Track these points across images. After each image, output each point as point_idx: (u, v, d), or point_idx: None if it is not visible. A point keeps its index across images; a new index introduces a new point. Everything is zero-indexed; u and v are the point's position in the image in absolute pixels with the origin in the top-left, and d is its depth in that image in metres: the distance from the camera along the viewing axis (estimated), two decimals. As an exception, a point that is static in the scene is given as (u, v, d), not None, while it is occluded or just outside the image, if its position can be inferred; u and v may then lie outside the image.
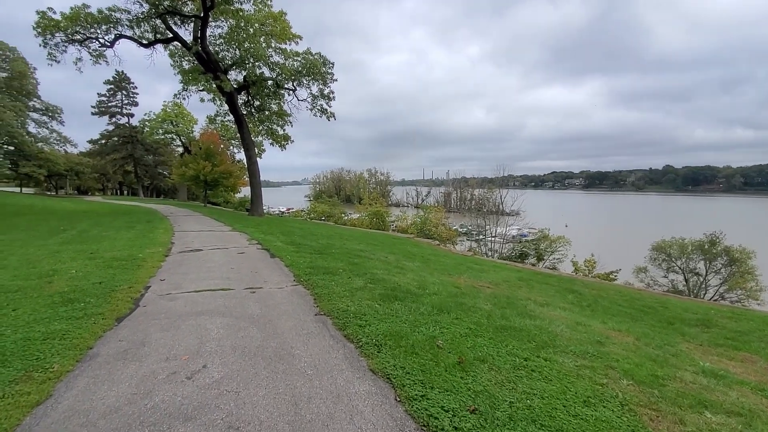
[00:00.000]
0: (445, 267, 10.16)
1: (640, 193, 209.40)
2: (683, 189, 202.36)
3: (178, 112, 44.16)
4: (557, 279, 10.69)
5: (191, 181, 32.50)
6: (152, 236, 10.82)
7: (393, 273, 6.97)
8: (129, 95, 53.57)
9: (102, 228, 13.67)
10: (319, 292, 5.06)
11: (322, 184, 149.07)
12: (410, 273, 7.37)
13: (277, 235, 11.98)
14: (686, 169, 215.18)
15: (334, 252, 9.00)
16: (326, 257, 7.94)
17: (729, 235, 22.78)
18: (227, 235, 11.60)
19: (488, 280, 8.79)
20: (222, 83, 19.38)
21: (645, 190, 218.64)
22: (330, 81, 23.67)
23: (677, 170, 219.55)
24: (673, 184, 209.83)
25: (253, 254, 8.15)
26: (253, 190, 23.61)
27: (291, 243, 10.17)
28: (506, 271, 11.29)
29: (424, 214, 26.58)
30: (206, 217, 19.53)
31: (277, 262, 7.31)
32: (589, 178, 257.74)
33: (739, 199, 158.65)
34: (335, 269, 6.56)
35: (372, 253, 10.52)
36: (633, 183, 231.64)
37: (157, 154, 56.88)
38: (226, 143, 40.50)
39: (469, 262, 12.77)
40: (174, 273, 6.19)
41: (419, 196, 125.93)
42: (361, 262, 7.80)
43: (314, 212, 34.46)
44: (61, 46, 19.88)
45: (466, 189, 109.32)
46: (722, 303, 16.10)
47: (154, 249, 8.43)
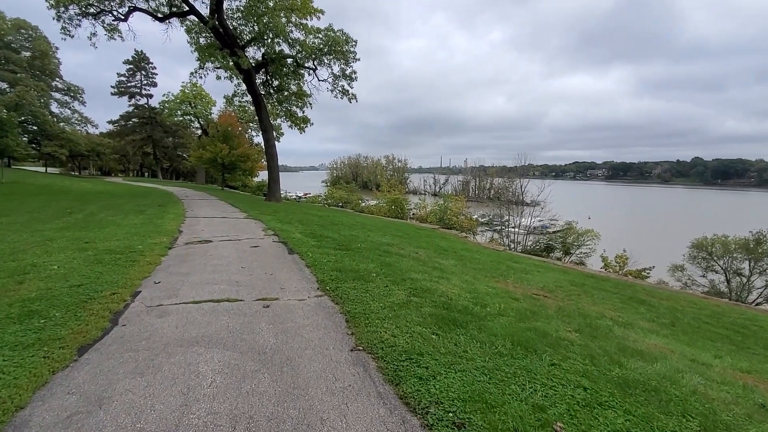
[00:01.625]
0: (484, 266, 8.93)
1: (666, 186, 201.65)
2: (712, 182, 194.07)
3: (197, 93, 43.43)
4: (613, 283, 9.31)
5: (208, 163, 31.83)
6: (160, 223, 9.84)
7: (434, 278, 5.76)
8: (148, 75, 53.10)
9: (111, 211, 12.85)
10: (352, 309, 3.88)
11: (339, 169, 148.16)
12: (454, 277, 6.15)
13: (295, 225, 10.89)
14: (716, 162, 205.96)
15: (360, 247, 7.84)
16: (353, 254, 6.78)
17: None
18: (241, 224, 10.55)
19: (539, 285, 7.53)
20: (240, 60, 18.20)
21: (671, 182, 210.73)
22: (352, 60, 22.27)
23: (706, 163, 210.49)
24: (702, 177, 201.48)
25: (269, 248, 7.04)
26: (271, 174, 22.61)
27: (311, 234, 9.05)
28: (552, 272, 9.97)
29: (444, 203, 25.37)
30: (221, 201, 18.62)
31: (296, 259, 6.17)
32: (612, 168, 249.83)
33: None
34: (366, 272, 5.40)
35: (400, 247, 9.35)
36: (659, 175, 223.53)
37: (176, 137, 56.59)
38: (244, 126, 39.67)
39: (505, 258, 11.49)
40: (173, 273, 5.12)
41: (437, 184, 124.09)
42: (394, 261, 6.61)
43: (331, 198, 33.67)
44: (75, 20, 19.02)
45: (485, 178, 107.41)
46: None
47: (158, 239, 7.42)
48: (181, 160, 57.63)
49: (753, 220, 27.40)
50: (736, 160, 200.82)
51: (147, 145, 54.13)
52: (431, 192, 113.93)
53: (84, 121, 50.11)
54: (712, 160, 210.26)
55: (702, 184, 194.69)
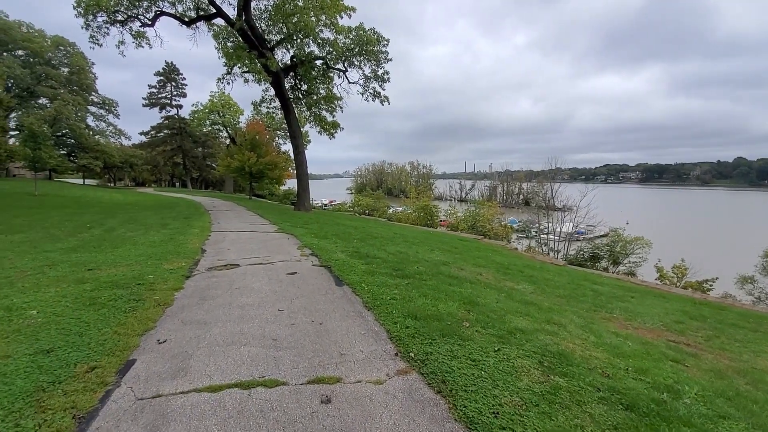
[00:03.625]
0: (567, 292, 7.28)
1: (706, 188, 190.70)
2: (758, 183, 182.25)
3: (225, 102, 43.22)
4: (737, 314, 7.34)
5: (236, 172, 31.17)
6: (182, 240, 8.60)
7: (542, 323, 4.14)
8: (178, 86, 53.66)
9: (132, 226, 11.82)
10: (472, 412, 2.31)
11: (363, 177, 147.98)
12: (565, 320, 4.49)
13: (332, 240, 9.46)
14: (762, 162, 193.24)
15: (418, 271, 6.30)
16: (416, 284, 5.23)
17: None
18: (272, 239, 9.20)
19: (656, 322, 5.78)
20: (268, 61, 17.13)
21: (712, 184, 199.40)
22: (384, 61, 20.94)
23: (750, 163, 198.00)
24: (746, 178, 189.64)
25: (310, 276, 5.58)
26: (300, 182, 21.43)
27: (355, 253, 7.57)
28: (647, 296, 8.11)
29: (476, 209, 23.95)
30: (249, 212, 17.51)
31: (348, 295, 4.65)
32: (646, 171, 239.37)
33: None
34: (451, 318, 3.83)
35: (459, 267, 7.80)
36: (698, 177, 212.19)
37: (205, 146, 56.91)
38: (272, 134, 39.05)
39: (578, 278, 9.67)
40: (186, 322, 3.70)
41: (462, 190, 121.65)
42: (474, 295, 5.01)
43: (358, 205, 32.76)
44: (103, 28, 18.54)
45: (513, 182, 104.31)
46: None
47: (176, 263, 6.11)
48: (209, 169, 57.89)
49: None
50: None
51: (177, 156, 54.59)
52: (457, 198, 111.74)
53: (118, 134, 50.97)
54: (757, 159, 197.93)
55: (747, 186, 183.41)
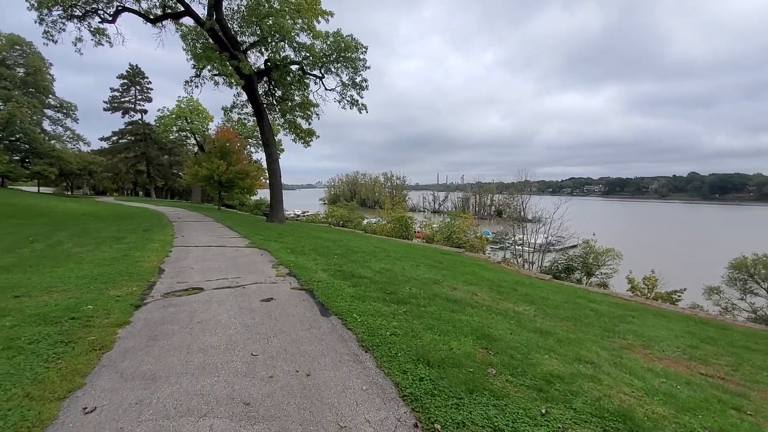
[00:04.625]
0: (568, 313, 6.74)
1: (663, 201, 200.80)
2: (710, 197, 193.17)
3: (193, 108, 41.48)
4: (741, 333, 6.98)
5: (205, 181, 29.61)
6: (138, 257, 7.49)
7: (572, 362, 3.46)
8: (143, 90, 51.17)
9: (83, 239, 10.51)
10: None
11: (337, 187, 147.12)
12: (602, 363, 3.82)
13: (311, 256, 8.58)
14: (713, 177, 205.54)
15: (413, 294, 5.54)
16: (415, 311, 4.45)
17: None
18: (243, 256, 8.21)
19: (672, 348, 5.24)
20: (240, 64, 16.12)
21: (669, 197, 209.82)
22: (362, 68, 20.35)
23: (703, 177, 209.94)
24: (699, 192, 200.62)
25: (289, 304, 4.69)
26: (273, 192, 20.33)
27: (338, 272, 6.73)
28: (646, 315, 7.67)
29: (451, 220, 23.90)
30: (218, 224, 16.28)
31: (338, 330, 3.80)
32: (609, 184, 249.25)
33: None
34: (471, 362, 3.06)
35: (452, 286, 7.16)
36: (656, 190, 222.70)
37: (172, 154, 54.39)
38: (243, 142, 37.65)
39: (571, 295, 9.21)
40: (127, 377, 2.74)
41: (436, 201, 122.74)
42: (482, 325, 4.30)
43: (332, 216, 31.96)
44: (59, 24, 17.05)
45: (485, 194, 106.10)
46: None
47: (126, 287, 5.09)
48: (176, 178, 55.38)
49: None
50: (733, 175, 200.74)
51: (140, 163, 51.82)
52: (431, 209, 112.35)
53: (76, 139, 47.83)
54: (709, 174, 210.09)
55: (700, 199, 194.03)
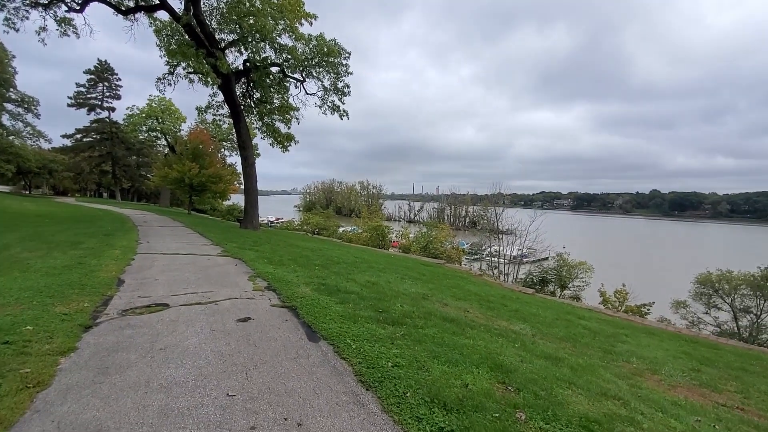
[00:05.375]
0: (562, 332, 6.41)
1: (627, 217, 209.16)
2: (670, 214, 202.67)
3: (165, 108, 39.87)
4: (752, 358, 6.82)
5: (174, 184, 28.28)
6: (93, 265, 6.66)
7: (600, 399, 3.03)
8: (111, 87, 48.77)
9: (34, 243, 9.50)
10: None
11: (312, 194, 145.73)
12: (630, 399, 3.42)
13: (290, 267, 7.94)
14: (673, 195, 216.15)
15: (406, 312, 5.04)
16: (414, 333, 3.93)
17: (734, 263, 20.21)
18: (216, 266, 7.48)
19: (680, 373, 4.95)
20: (218, 62, 15.35)
21: (632, 213, 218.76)
22: (344, 74, 19.90)
23: (664, 195, 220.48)
24: (660, 209, 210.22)
25: (270, 326, 4.07)
26: (248, 197, 19.43)
27: (322, 286, 6.14)
28: (643, 335, 7.44)
29: (428, 231, 23.92)
30: (188, 229, 15.30)
31: (330, 359, 3.19)
32: (577, 199, 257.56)
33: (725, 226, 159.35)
34: (494, 403, 2.54)
35: (443, 302, 6.78)
36: (620, 206, 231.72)
37: (140, 155, 52.00)
38: (217, 144, 36.39)
39: (559, 311, 8.95)
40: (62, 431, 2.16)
41: (411, 211, 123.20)
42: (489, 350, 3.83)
43: (307, 224, 31.34)
44: (22, 11, 15.84)
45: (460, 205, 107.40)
46: None
47: (76, 303, 4.35)
48: (143, 180, 52.97)
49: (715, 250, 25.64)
50: (690, 193, 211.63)
51: (106, 163, 49.21)
52: (406, 219, 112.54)
53: (36, 135, 45.02)
54: (669, 192, 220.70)
55: (661, 215, 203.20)
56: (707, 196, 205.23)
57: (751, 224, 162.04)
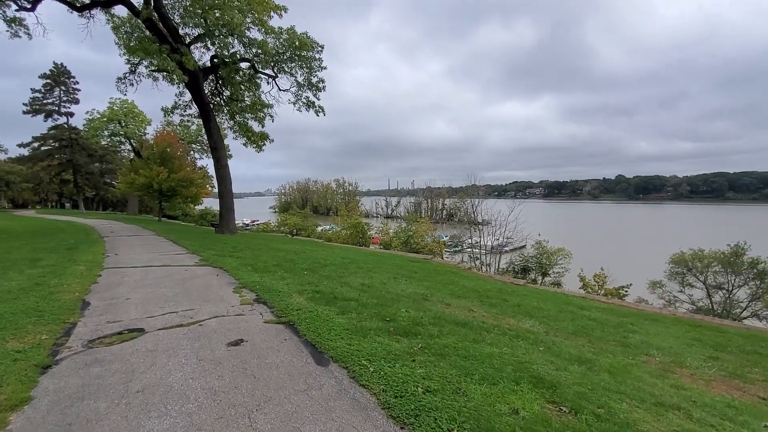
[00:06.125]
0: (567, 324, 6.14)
1: (596, 202, 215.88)
2: (635, 197, 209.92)
3: (128, 111, 37.80)
4: (762, 340, 6.68)
5: (142, 190, 26.77)
6: (54, 285, 5.87)
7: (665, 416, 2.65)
8: (69, 91, 45.98)
9: (-15, 262, 8.50)
10: None
11: (288, 195, 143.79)
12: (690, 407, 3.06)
13: (277, 273, 7.34)
14: (637, 179, 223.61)
15: (414, 319, 4.58)
16: (433, 345, 3.46)
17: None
18: (195, 278, 6.79)
19: (703, 364, 4.70)
20: (184, 58, 14.37)
21: (600, 198, 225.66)
22: (318, 68, 19.18)
23: (629, 180, 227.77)
24: (626, 193, 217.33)
25: (269, 350, 3.49)
26: (223, 200, 18.50)
27: (317, 294, 5.59)
28: (648, 322, 7.25)
29: (407, 226, 23.74)
30: (160, 237, 14.35)
31: (347, 388, 2.63)
32: (548, 187, 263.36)
33: (686, 206, 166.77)
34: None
35: (445, 302, 6.40)
36: (589, 192, 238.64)
37: (103, 161, 49.40)
38: (186, 147, 34.83)
39: (561, 303, 8.71)
40: None
41: (389, 206, 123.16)
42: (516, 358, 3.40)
43: (285, 225, 30.55)
44: (-36, 10, 14.46)
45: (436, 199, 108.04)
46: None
47: (32, 335, 3.64)
48: (108, 187, 50.38)
49: (682, 230, 26.36)
50: (653, 177, 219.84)
51: (66, 172, 46.49)
52: (384, 215, 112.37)
53: (-10, 146, 42.10)
54: (633, 177, 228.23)
55: (627, 199, 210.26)
56: (669, 178, 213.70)
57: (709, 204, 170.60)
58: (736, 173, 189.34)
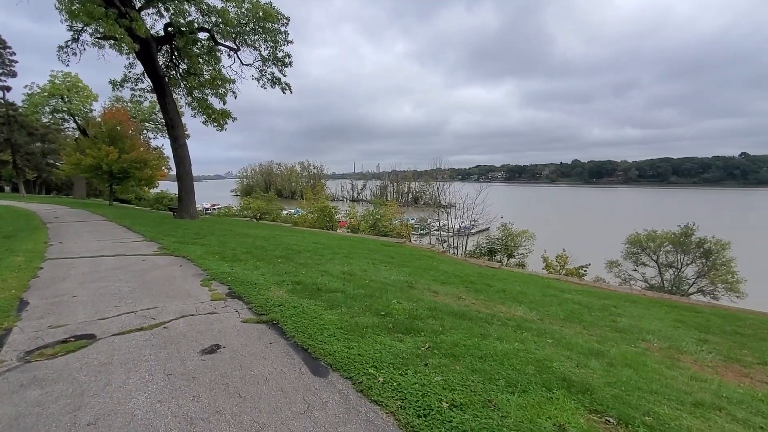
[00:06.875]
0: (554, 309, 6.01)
1: (554, 185, 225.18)
2: (589, 181, 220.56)
3: (71, 85, 34.55)
4: (740, 320, 6.78)
5: (90, 172, 24.69)
6: (-17, 281, 5.00)
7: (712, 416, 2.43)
8: (4, 63, 41.24)
9: None
10: None
11: (250, 178, 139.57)
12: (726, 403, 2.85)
13: (249, 262, 6.70)
14: (591, 164, 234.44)
15: (410, 312, 4.18)
16: (441, 343, 3.06)
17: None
18: (155, 269, 6.04)
19: (697, 348, 4.63)
20: (134, 24, 12.92)
21: (558, 182, 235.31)
22: (283, 42, 18.02)
23: (584, 164, 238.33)
24: (581, 177, 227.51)
25: (253, 358, 2.95)
26: (182, 182, 17.22)
27: (297, 285, 5.05)
28: (629, 304, 7.26)
29: (375, 209, 23.55)
30: (112, 223, 13.12)
31: (358, 407, 2.14)
32: (509, 171, 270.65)
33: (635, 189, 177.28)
34: None
35: (432, 290, 6.06)
36: (547, 176, 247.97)
37: (45, 141, 45.18)
38: (138, 125, 32.39)
39: (540, 285, 8.65)
40: None
41: (354, 190, 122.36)
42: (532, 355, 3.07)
43: (248, 209, 29.40)
44: None
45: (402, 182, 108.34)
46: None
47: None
48: (51, 169, 46.35)
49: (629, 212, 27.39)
50: (606, 162, 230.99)
51: (4, 152, 42.18)
52: (350, 198, 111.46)
53: None
54: (588, 161, 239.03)
55: (582, 183, 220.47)
56: (620, 163, 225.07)
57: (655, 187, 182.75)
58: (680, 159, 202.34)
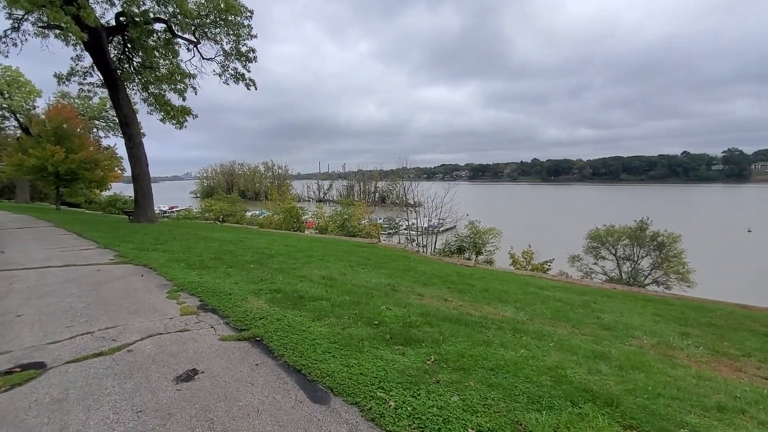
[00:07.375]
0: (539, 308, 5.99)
1: (515, 183, 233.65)
2: (548, 179, 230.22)
3: (11, 80, 31.69)
4: (714, 312, 6.96)
5: (35, 174, 22.78)
6: None
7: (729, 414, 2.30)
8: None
9: None
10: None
11: (211, 178, 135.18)
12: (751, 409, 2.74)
13: (219, 269, 6.20)
14: (549, 162, 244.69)
15: (401, 319, 3.91)
16: (446, 354, 2.78)
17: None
18: (112, 280, 5.41)
19: (683, 342, 4.66)
20: (82, 11, 11.81)
21: (519, 180, 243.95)
22: (246, 36, 17.27)
23: (543, 163, 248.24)
24: (540, 175, 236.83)
25: (239, 384, 2.53)
26: (138, 184, 16.09)
27: (276, 294, 4.64)
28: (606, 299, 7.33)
29: (343, 209, 23.47)
30: (60, 229, 12.00)
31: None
32: (473, 170, 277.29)
33: (589, 186, 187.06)
34: None
35: (416, 292, 5.84)
36: (509, 174, 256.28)
37: (-19, 140, 41.43)
38: (87, 123, 30.20)
39: (518, 283, 8.64)
40: None
41: (321, 190, 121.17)
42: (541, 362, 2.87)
43: (210, 211, 28.20)
44: None
45: (369, 182, 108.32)
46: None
47: None
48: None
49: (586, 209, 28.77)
50: (563, 160, 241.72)
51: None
52: (316, 198, 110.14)
53: None
54: (546, 160, 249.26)
55: (541, 181, 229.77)
56: (575, 162, 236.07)
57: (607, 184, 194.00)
58: (629, 157, 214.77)
